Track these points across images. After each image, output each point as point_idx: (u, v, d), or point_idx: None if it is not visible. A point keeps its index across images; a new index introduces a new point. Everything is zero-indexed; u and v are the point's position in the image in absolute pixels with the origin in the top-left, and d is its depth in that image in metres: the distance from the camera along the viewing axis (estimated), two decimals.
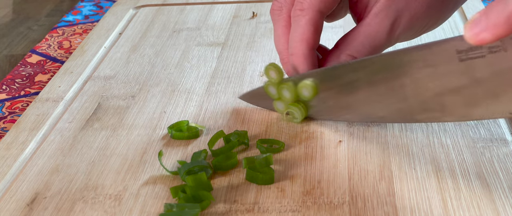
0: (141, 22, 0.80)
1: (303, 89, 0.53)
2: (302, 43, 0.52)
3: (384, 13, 0.52)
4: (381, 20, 0.53)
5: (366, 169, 0.49)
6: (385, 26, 0.53)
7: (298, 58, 0.53)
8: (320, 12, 0.52)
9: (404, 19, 0.53)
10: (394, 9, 0.53)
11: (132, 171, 0.50)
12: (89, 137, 0.56)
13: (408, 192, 0.46)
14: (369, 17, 0.53)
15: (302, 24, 0.52)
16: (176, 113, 0.59)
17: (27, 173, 0.51)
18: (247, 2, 0.84)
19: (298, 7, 0.53)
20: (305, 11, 0.52)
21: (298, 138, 0.54)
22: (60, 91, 0.64)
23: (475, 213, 0.44)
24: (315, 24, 0.52)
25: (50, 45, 0.79)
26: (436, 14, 0.54)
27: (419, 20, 0.53)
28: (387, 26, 0.53)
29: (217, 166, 0.50)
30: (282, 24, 0.55)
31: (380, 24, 0.53)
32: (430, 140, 0.52)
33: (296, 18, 0.53)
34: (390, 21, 0.53)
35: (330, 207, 0.45)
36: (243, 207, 0.46)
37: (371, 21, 0.53)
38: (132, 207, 0.46)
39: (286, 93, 0.54)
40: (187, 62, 0.69)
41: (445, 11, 0.56)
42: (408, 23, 0.53)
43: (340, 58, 0.53)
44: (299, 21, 0.52)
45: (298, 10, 0.53)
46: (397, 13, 0.53)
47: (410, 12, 0.53)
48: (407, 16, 0.53)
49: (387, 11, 0.52)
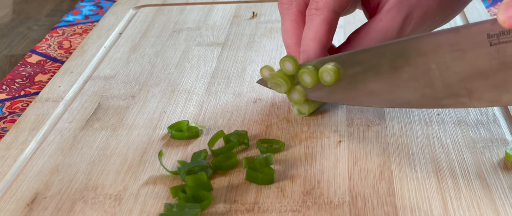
0: (141, 22, 0.80)
1: (325, 74, 0.53)
2: (315, 41, 0.53)
3: (396, 10, 0.53)
4: (393, 16, 0.53)
5: (366, 169, 0.49)
6: (396, 22, 0.53)
7: (309, 56, 0.54)
8: (334, 12, 0.53)
9: (416, 16, 0.53)
10: (406, 5, 0.53)
11: (132, 171, 0.50)
12: (89, 137, 0.56)
13: (408, 192, 0.46)
14: (381, 13, 0.54)
15: (317, 23, 0.53)
16: (176, 113, 0.59)
17: (27, 173, 0.51)
18: (247, 2, 0.84)
19: (313, 6, 0.53)
20: (320, 11, 0.53)
21: (298, 138, 0.54)
22: (60, 91, 0.64)
23: (475, 213, 0.44)
24: (329, 23, 0.53)
25: (50, 45, 0.79)
26: (447, 10, 0.55)
27: (430, 16, 0.54)
28: (398, 22, 0.53)
29: (217, 166, 0.50)
30: (291, 19, 0.56)
31: (392, 20, 0.53)
32: (430, 140, 0.52)
33: (311, 17, 0.54)
34: (402, 17, 0.53)
35: (330, 207, 0.45)
36: (243, 207, 0.46)
37: (383, 17, 0.54)
38: (132, 207, 0.46)
39: (307, 77, 0.54)
40: (187, 62, 0.69)
41: (455, 7, 0.56)
42: (419, 19, 0.53)
43: None
44: (313, 20, 0.53)
45: (313, 10, 0.53)
46: (408, 10, 0.53)
47: (421, 8, 0.53)
48: (418, 12, 0.53)
49: (399, 8, 0.53)
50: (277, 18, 0.79)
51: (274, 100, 0.60)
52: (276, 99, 0.60)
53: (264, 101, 0.60)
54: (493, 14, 0.81)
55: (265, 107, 0.59)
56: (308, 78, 0.54)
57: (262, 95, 0.61)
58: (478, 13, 0.76)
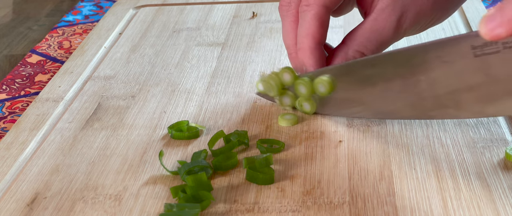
0: (141, 22, 0.80)
1: (320, 85, 0.54)
2: (308, 37, 0.53)
3: (390, 8, 0.53)
4: (387, 15, 0.53)
5: (366, 169, 0.49)
6: (391, 21, 0.53)
7: (305, 52, 0.54)
8: (325, 7, 0.53)
9: (410, 14, 0.53)
10: (400, 4, 0.53)
11: (132, 171, 0.50)
12: (89, 137, 0.56)
13: (408, 192, 0.46)
14: (375, 12, 0.54)
15: (308, 19, 0.53)
16: (176, 113, 0.59)
17: (27, 173, 0.51)
18: (247, 2, 0.84)
19: (304, 3, 0.54)
20: (311, 6, 0.53)
21: (298, 138, 0.54)
22: (60, 91, 0.64)
23: (475, 213, 0.44)
24: (320, 18, 0.53)
25: (50, 45, 0.79)
26: (442, 9, 0.55)
27: (425, 15, 0.54)
28: (393, 21, 0.53)
29: (217, 166, 0.50)
30: (291, 20, 0.56)
31: (387, 19, 0.53)
32: (430, 140, 0.52)
33: (302, 14, 0.54)
34: (397, 16, 0.53)
35: (330, 207, 0.45)
36: (243, 207, 0.46)
37: (377, 16, 0.53)
38: (132, 207, 0.46)
39: (302, 89, 0.55)
40: (187, 62, 0.69)
41: (450, 6, 0.56)
42: (414, 18, 0.53)
43: (348, 54, 0.54)
44: (305, 17, 0.54)
45: (304, 6, 0.54)
46: (403, 8, 0.53)
47: (416, 7, 0.53)
48: (413, 11, 0.53)
49: (393, 6, 0.53)
50: (277, 18, 0.79)
51: None
52: None
53: (264, 101, 0.60)
54: None
55: (265, 107, 0.59)
56: (304, 89, 0.54)
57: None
58: (478, 13, 0.76)
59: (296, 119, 0.55)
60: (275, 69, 0.66)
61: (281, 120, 0.55)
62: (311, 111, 0.56)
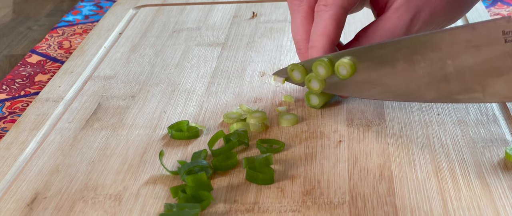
0: (141, 22, 0.80)
1: (341, 68, 0.53)
2: (323, 37, 0.54)
3: (404, 8, 0.53)
4: (401, 14, 0.54)
5: (366, 169, 0.49)
6: (404, 20, 0.54)
7: (317, 51, 0.54)
8: (343, 8, 0.54)
9: (424, 14, 0.54)
10: (414, 4, 0.54)
11: (132, 171, 0.50)
12: (89, 137, 0.56)
13: (408, 192, 0.46)
14: (389, 12, 0.54)
15: (325, 18, 0.54)
16: (176, 113, 0.59)
17: (27, 173, 0.51)
18: (247, 2, 0.84)
19: (322, 3, 0.54)
20: (329, 7, 0.54)
21: (298, 138, 0.54)
22: (60, 91, 0.64)
23: (475, 213, 0.44)
24: (337, 19, 0.54)
25: (50, 45, 0.79)
26: (455, 10, 0.55)
27: (438, 15, 0.54)
28: (406, 21, 0.54)
29: (217, 166, 0.50)
30: (302, 15, 0.56)
31: (400, 18, 0.54)
32: (430, 140, 0.52)
33: (319, 13, 0.54)
34: (410, 16, 0.54)
35: (330, 207, 0.45)
36: (243, 207, 0.46)
37: (391, 16, 0.54)
38: (132, 207, 0.46)
39: (321, 70, 0.54)
40: (187, 62, 0.69)
41: (463, 7, 0.56)
42: (427, 18, 0.54)
43: None
44: (322, 16, 0.54)
45: (322, 6, 0.54)
46: (417, 8, 0.54)
47: (429, 7, 0.54)
48: (426, 11, 0.54)
49: (407, 6, 0.53)
50: (277, 18, 0.79)
51: (274, 100, 0.60)
52: (276, 99, 0.60)
53: (264, 101, 0.60)
54: (493, 14, 0.81)
55: (265, 107, 0.59)
56: (323, 71, 0.54)
57: (262, 95, 0.61)
58: (478, 13, 0.76)
59: (296, 119, 0.55)
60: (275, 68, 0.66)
61: (281, 120, 0.55)
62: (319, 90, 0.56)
